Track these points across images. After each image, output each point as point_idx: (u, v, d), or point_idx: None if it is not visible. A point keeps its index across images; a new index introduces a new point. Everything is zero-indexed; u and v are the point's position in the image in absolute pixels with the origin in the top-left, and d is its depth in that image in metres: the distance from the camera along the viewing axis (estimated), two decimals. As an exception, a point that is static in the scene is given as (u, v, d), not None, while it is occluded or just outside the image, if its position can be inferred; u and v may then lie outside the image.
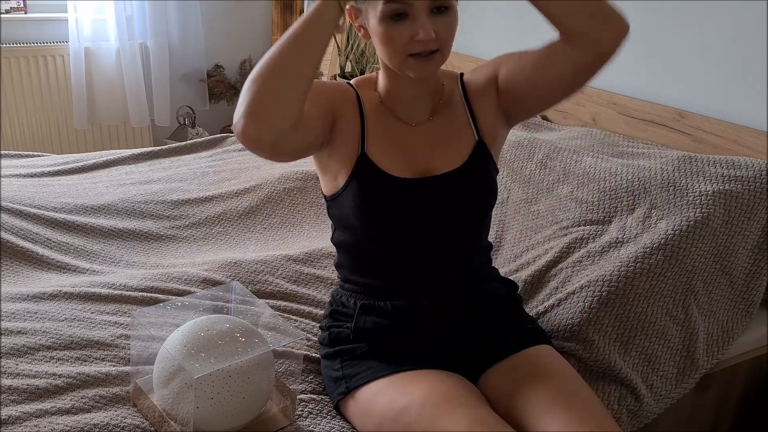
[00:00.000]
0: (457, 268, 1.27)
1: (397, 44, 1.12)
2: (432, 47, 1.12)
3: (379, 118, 1.25)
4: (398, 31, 1.11)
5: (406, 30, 1.11)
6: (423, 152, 1.24)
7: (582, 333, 1.39)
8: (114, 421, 1.11)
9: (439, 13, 1.12)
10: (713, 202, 1.58)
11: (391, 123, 1.25)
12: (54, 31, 3.01)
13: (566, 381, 1.15)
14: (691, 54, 1.98)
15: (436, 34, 1.11)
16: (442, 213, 1.22)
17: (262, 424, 1.17)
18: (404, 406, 1.10)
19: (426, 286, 1.25)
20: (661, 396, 1.40)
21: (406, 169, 1.22)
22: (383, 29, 1.12)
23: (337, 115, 1.22)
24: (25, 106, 2.96)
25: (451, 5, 1.13)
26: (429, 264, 1.25)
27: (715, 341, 1.53)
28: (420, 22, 1.10)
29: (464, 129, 1.26)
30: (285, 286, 1.59)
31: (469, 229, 1.28)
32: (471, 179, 1.23)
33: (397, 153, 1.23)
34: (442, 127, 1.26)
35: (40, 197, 1.91)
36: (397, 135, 1.24)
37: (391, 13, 1.10)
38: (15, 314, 1.34)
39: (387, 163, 1.21)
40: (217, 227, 1.92)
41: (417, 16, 1.10)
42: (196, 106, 3.33)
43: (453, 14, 1.14)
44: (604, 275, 1.46)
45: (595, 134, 2.05)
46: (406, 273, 1.25)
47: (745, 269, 1.61)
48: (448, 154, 1.24)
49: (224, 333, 1.13)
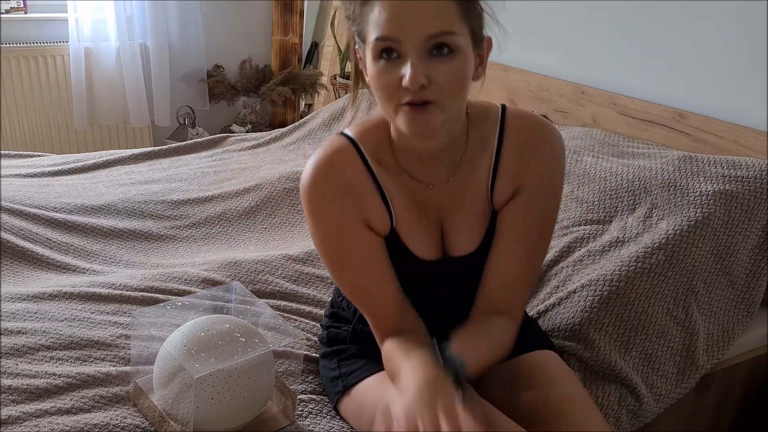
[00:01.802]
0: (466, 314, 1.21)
1: (386, 89, 0.96)
2: (424, 97, 0.94)
3: (396, 183, 1.10)
4: (387, 74, 0.95)
5: (396, 73, 0.94)
6: (443, 224, 1.13)
7: (582, 332, 1.39)
8: (114, 421, 1.11)
9: (439, 54, 0.93)
10: (714, 202, 1.58)
11: (409, 184, 1.10)
12: (54, 31, 3.01)
13: (564, 387, 1.13)
14: (691, 54, 1.98)
15: (431, 81, 0.93)
16: (459, 287, 1.17)
17: (262, 424, 1.17)
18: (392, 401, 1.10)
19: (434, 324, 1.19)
20: (661, 396, 1.40)
21: (431, 247, 1.12)
22: (374, 70, 0.97)
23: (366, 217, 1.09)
24: (25, 106, 2.96)
25: (458, 47, 0.94)
26: (438, 313, 1.20)
27: (716, 341, 1.53)
28: (409, 64, 0.92)
29: (482, 197, 1.11)
30: (285, 286, 1.59)
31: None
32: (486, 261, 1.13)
33: (421, 225, 1.12)
34: (463, 193, 1.11)
35: (40, 197, 1.91)
36: (418, 198, 1.11)
37: (381, 50, 0.95)
38: (15, 314, 1.34)
39: (414, 240, 1.11)
40: (217, 227, 1.92)
41: (407, 56, 0.93)
42: (196, 106, 3.32)
43: (460, 60, 0.95)
44: (604, 275, 1.46)
45: (595, 134, 2.05)
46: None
47: (746, 269, 1.61)
48: (466, 231, 1.12)
49: (224, 333, 1.13)
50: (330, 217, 1.07)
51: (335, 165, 1.07)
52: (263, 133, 2.68)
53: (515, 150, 1.09)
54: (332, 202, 1.06)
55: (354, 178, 1.07)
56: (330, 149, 1.08)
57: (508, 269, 1.09)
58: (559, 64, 2.37)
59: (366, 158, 1.08)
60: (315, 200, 1.07)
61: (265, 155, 2.47)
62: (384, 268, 1.09)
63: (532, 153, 1.08)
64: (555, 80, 2.36)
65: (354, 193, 1.07)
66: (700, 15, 1.94)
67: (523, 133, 1.09)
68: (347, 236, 1.07)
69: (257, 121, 3.43)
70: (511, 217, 1.09)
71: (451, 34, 0.93)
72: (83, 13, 2.92)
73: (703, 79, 1.96)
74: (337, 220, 1.07)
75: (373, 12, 0.95)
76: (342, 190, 1.06)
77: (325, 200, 1.06)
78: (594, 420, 1.08)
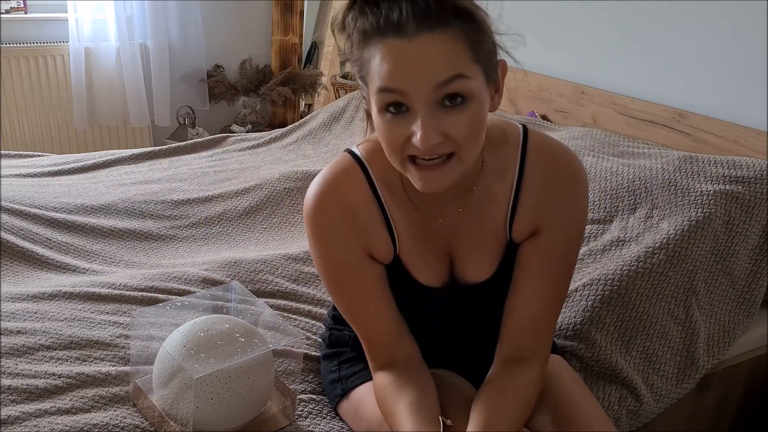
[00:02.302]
0: (474, 340, 1.20)
1: (393, 144, 0.89)
2: (440, 152, 0.87)
3: (402, 213, 1.05)
4: (395, 129, 0.87)
5: (404, 128, 0.86)
6: (452, 252, 1.08)
7: (584, 332, 1.39)
8: (114, 421, 1.10)
9: (453, 104, 0.85)
10: (714, 202, 1.58)
11: (416, 215, 1.06)
12: (54, 31, 3.01)
13: (570, 392, 1.12)
14: (691, 54, 1.98)
15: (448, 134, 0.86)
16: (467, 314, 1.15)
17: (262, 424, 1.17)
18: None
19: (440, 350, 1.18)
20: (661, 396, 1.40)
21: (436, 273, 1.08)
22: (379, 123, 0.89)
23: (369, 245, 1.06)
24: (25, 106, 2.96)
25: (471, 93, 0.86)
26: (445, 339, 1.18)
27: (716, 341, 1.53)
28: (418, 121, 0.84)
29: (497, 226, 1.05)
30: (285, 286, 1.59)
31: (492, 320, 1.13)
32: (500, 286, 1.09)
33: (427, 252, 1.07)
34: (474, 221, 1.06)
35: (40, 197, 1.91)
36: (425, 229, 1.06)
37: (386, 104, 0.87)
38: (15, 314, 1.34)
39: (418, 268, 1.07)
40: (217, 227, 1.92)
41: (416, 111, 0.85)
42: (196, 106, 3.32)
43: (475, 105, 0.87)
44: (606, 274, 1.46)
45: (595, 134, 2.05)
46: (421, 337, 1.15)
47: (746, 269, 1.61)
48: (477, 258, 1.08)
49: (224, 333, 1.12)
50: (331, 243, 1.05)
51: (341, 188, 1.03)
52: (263, 133, 2.68)
53: (539, 184, 1.03)
54: (335, 228, 1.03)
55: (359, 203, 1.03)
56: (337, 170, 1.04)
57: (533, 308, 1.05)
58: (559, 64, 2.37)
59: (373, 181, 1.04)
60: (318, 224, 1.04)
61: (265, 155, 2.47)
62: (381, 299, 1.07)
63: (560, 191, 1.03)
64: (555, 80, 2.36)
65: (358, 220, 1.03)
66: (700, 15, 1.94)
67: (550, 169, 1.03)
68: (346, 265, 1.05)
69: (257, 121, 3.43)
70: (536, 255, 1.05)
71: (462, 78, 0.85)
72: (83, 13, 2.92)
73: (703, 79, 1.95)
74: (339, 247, 1.04)
75: (375, 59, 0.86)
76: (345, 216, 1.03)
77: (328, 225, 1.03)
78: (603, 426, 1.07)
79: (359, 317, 1.09)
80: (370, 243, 1.05)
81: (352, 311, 1.09)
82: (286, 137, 2.64)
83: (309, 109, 3.72)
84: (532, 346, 1.06)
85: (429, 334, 1.14)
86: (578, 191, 1.05)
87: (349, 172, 1.04)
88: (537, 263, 1.05)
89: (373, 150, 1.04)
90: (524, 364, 1.05)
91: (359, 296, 1.07)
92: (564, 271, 1.07)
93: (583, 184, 1.06)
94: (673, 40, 2.02)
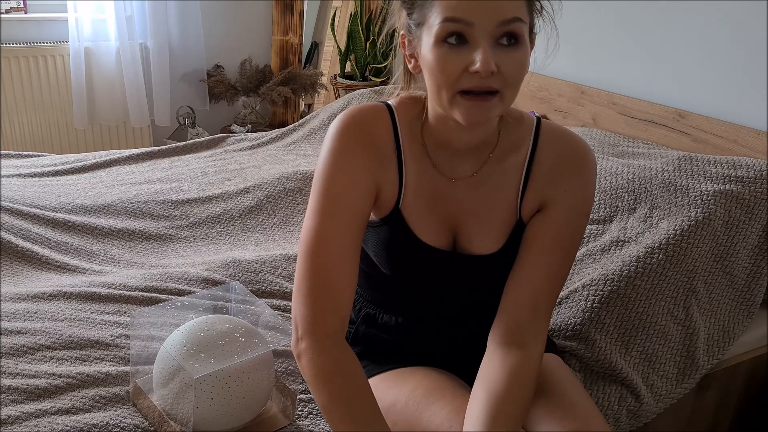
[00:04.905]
0: (472, 311, 1.20)
1: (448, 75, 0.93)
2: (490, 85, 0.93)
3: (417, 165, 1.09)
4: (452, 59, 0.93)
5: (462, 58, 0.92)
6: (459, 219, 1.10)
7: (584, 332, 1.39)
8: (114, 421, 1.10)
9: (508, 44, 0.93)
10: (714, 202, 1.58)
11: (429, 173, 1.09)
12: (54, 31, 3.01)
13: (565, 392, 1.12)
14: (691, 54, 1.98)
15: (499, 69, 0.92)
16: (468, 285, 1.15)
17: (262, 424, 1.17)
18: (391, 403, 1.09)
19: (437, 319, 1.19)
20: (661, 396, 1.40)
21: (439, 236, 1.10)
22: (435, 55, 0.94)
23: (379, 181, 1.08)
24: (25, 106, 2.96)
25: (524, 39, 0.94)
26: (444, 309, 1.19)
27: (716, 341, 1.53)
28: (480, 50, 0.91)
29: (509, 202, 1.09)
30: (285, 286, 1.59)
31: (492, 295, 1.14)
32: (504, 263, 1.11)
33: (432, 215, 1.10)
34: (486, 192, 1.09)
35: (40, 197, 1.91)
36: (434, 189, 1.09)
37: (448, 34, 0.93)
38: (15, 314, 1.34)
39: (420, 225, 1.09)
40: (217, 227, 1.92)
41: (477, 42, 0.92)
42: (196, 106, 3.33)
43: (524, 50, 0.95)
44: (605, 274, 1.46)
45: (595, 134, 2.05)
46: (419, 310, 1.18)
47: (746, 269, 1.61)
48: (485, 231, 1.10)
49: (224, 333, 1.12)
50: (344, 163, 1.05)
51: (368, 121, 1.07)
52: (263, 133, 2.68)
53: (549, 163, 1.09)
54: (352, 152, 1.05)
55: (382, 138, 1.07)
56: (369, 107, 1.09)
57: (535, 283, 1.06)
58: (559, 64, 2.37)
59: (397, 128, 1.08)
60: (338, 144, 1.05)
61: (265, 155, 2.47)
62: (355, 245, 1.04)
63: (568, 170, 1.08)
64: (555, 80, 2.36)
65: (376, 153, 1.07)
66: (700, 15, 1.94)
67: (560, 149, 1.09)
68: (346, 193, 1.04)
69: (257, 121, 3.43)
70: (542, 231, 1.08)
71: (521, 21, 0.93)
72: (83, 13, 2.92)
73: (703, 79, 1.96)
74: (349, 169, 1.05)
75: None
76: (366, 145, 1.06)
77: (348, 147, 1.05)
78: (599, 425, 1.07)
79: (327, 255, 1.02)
80: (382, 177, 1.07)
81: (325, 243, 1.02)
82: (286, 137, 2.64)
83: (309, 109, 3.72)
84: (528, 326, 1.06)
85: (427, 303, 1.15)
86: (585, 172, 1.09)
87: (377, 111, 1.09)
88: (543, 238, 1.07)
89: (403, 102, 1.10)
90: (521, 351, 1.04)
91: (339, 231, 1.02)
92: (568, 250, 1.09)
93: (592, 167, 1.10)
94: (673, 40, 2.02)
